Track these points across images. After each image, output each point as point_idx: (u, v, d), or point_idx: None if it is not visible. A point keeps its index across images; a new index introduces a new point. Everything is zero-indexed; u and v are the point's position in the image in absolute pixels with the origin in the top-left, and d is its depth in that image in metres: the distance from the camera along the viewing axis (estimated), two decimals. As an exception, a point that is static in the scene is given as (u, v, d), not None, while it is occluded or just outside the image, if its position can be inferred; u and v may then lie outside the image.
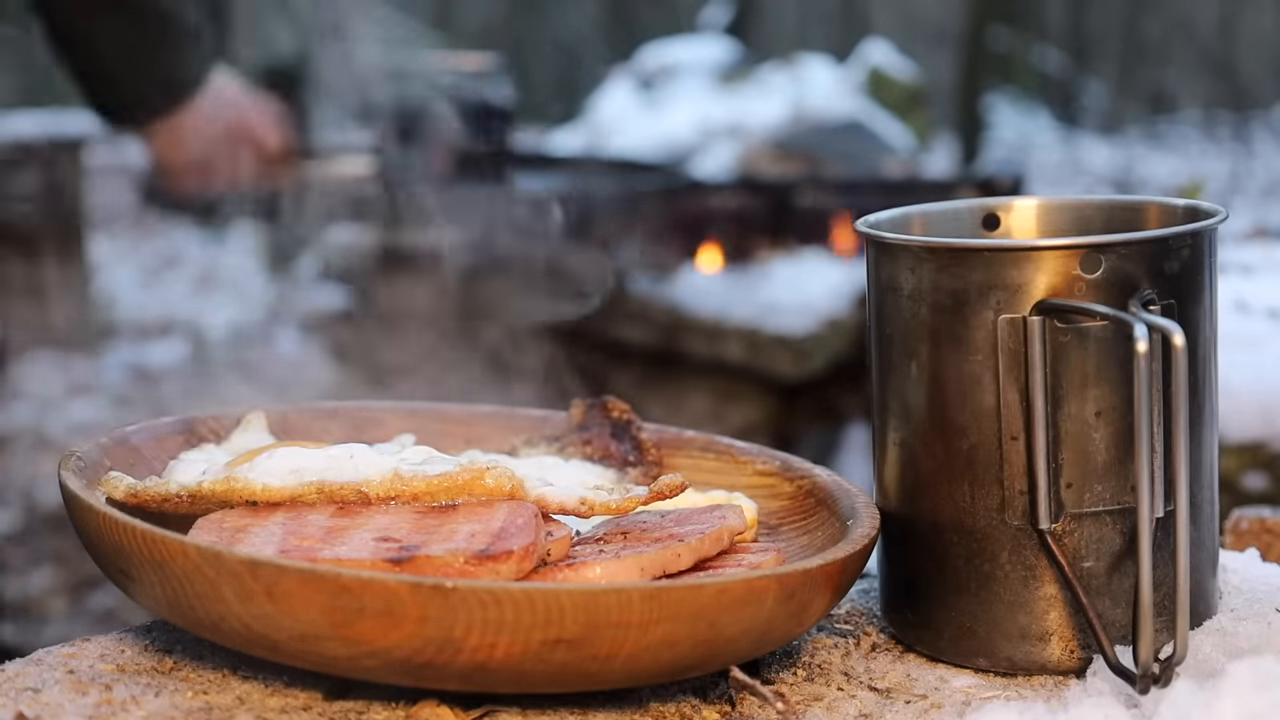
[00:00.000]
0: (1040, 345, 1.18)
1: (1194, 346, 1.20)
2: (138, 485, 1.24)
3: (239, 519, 1.19)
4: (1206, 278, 1.23)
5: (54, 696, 1.13)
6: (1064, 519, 1.20)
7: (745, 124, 6.80)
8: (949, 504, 1.23)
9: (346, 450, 1.26)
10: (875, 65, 7.33)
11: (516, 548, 1.13)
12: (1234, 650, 1.20)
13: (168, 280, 7.54)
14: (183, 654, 1.22)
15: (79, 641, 1.24)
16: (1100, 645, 1.16)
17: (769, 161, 6.30)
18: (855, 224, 1.29)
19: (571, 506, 1.24)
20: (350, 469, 1.23)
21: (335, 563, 1.10)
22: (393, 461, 1.24)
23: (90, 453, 1.31)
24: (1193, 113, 10.83)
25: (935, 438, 1.23)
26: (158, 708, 1.12)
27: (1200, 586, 1.25)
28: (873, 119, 6.72)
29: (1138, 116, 10.72)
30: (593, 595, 1.07)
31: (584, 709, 1.16)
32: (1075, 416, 1.19)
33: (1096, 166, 9.42)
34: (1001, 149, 9.12)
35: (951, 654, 1.26)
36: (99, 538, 1.17)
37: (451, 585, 1.06)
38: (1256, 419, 2.60)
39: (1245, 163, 9.37)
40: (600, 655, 1.09)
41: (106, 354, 6.23)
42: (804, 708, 1.18)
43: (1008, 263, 1.19)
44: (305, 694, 1.16)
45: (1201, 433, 1.23)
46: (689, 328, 4.46)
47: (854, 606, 1.37)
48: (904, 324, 1.24)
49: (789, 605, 1.15)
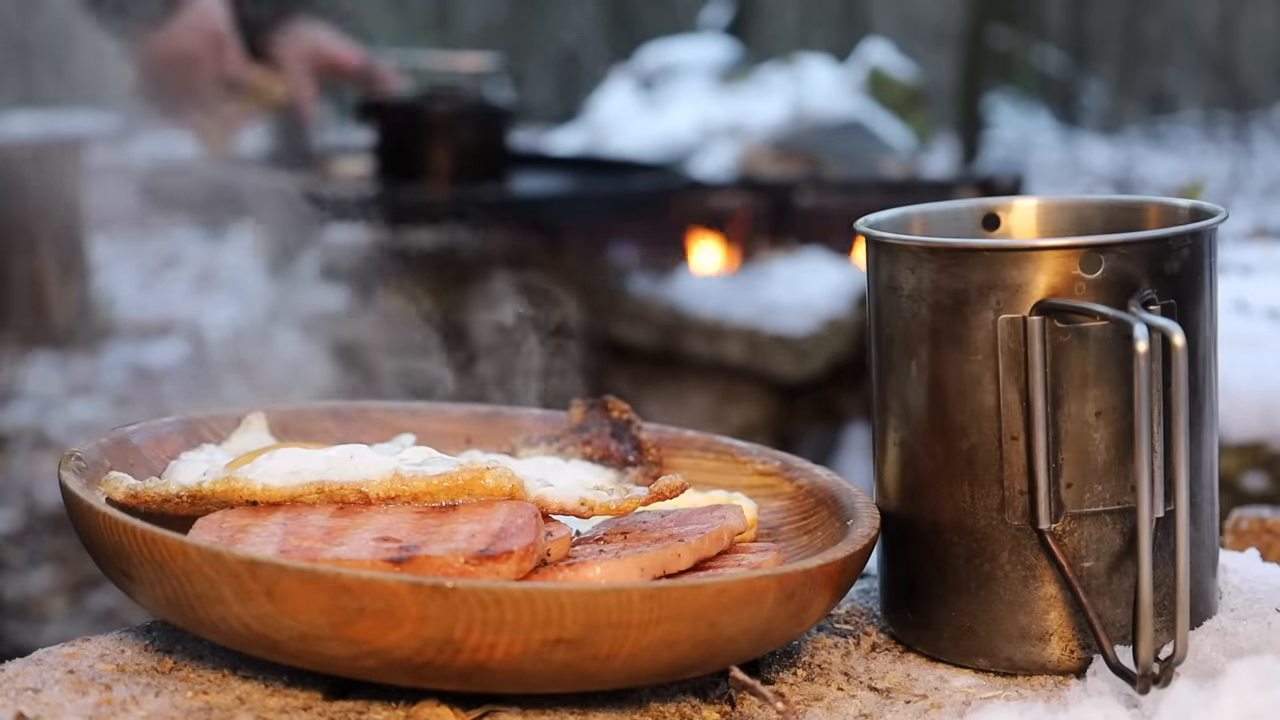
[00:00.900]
0: (1040, 345, 1.18)
1: (1194, 346, 1.20)
2: (138, 486, 1.24)
3: (239, 519, 1.19)
4: (1206, 278, 1.23)
5: (54, 696, 1.13)
6: (1064, 519, 1.20)
7: (745, 124, 6.80)
8: (949, 504, 1.23)
9: (347, 451, 1.26)
10: (875, 65, 7.33)
11: (516, 548, 1.13)
12: (1234, 650, 1.20)
13: (168, 280, 7.54)
14: (183, 654, 1.22)
15: (79, 641, 1.24)
16: (1100, 645, 1.16)
17: (769, 161, 6.30)
18: (855, 224, 1.29)
19: (571, 507, 1.24)
20: (350, 469, 1.23)
21: (335, 563, 1.10)
22: (393, 462, 1.24)
23: (90, 453, 1.31)
24: (1193, 113, 10.83)
25: (935, 438, 1.23)
26: (158, 708, 1.12)
27: (1200, 586, 1.25)
28: (873, 119, 6.72)
29: (1138, 116, 10.72)
30: (593, 595, 1.07)
31: (584, 709, 1.16)
32: (1075, 416, 1.19)
33: (1096, 166, 9.42)
34: (1001, 149, 9.12)
35: (951, 654, 1.26)
36: (99, 538, 1.17)
37: (451, 585, 1.06)
38: (1256, 419, 2.60)
39: (1245, 163, 9.37)
40: (600, 655, 1.09)
41: (106, 354, 6.23)
42: (804, 708, 1.18)
43: (1008, 263, 1.19)
44: (305, 694, 1.16)
45: (1201, 433, 1.23)
46: (689, 328, 4.46)
47: (854, 606, 1.37)
48: (904, 324, 1.24)
49: (789, 605, 1.15)
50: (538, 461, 1.41)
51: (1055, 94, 10.56)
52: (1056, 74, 10.56)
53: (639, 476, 1.42)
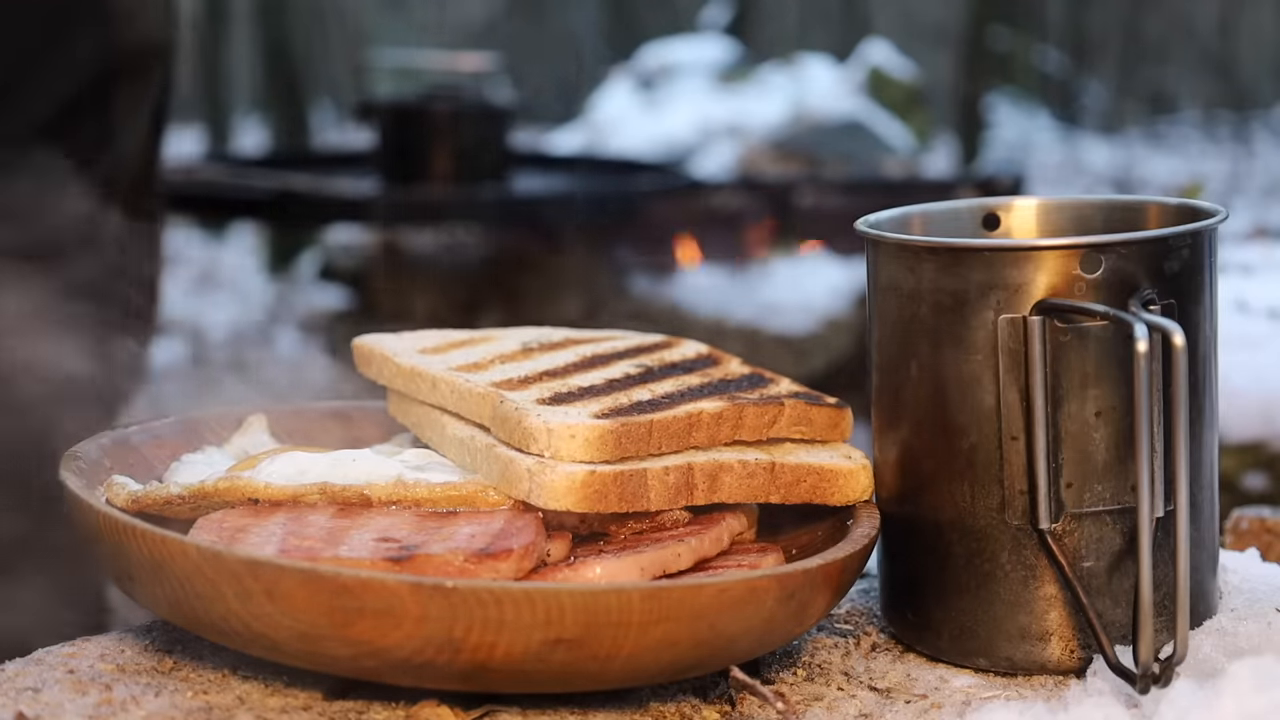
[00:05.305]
0: (1040, 345, 1.18)
1: (1194, 346, 1.20)
2: (139, 491, 1.24)
3: (239, 519, 1.19)
4: (1206, 278, 1.23)
5: (54, 696, 1.13)
6: (1064, 519, 1.20)
7: (745, 124, 6.80)
8: (949, 504, 1.23)
9: (349, 454, 1.26)
10: (875, 65, 7.33)
11: (516, 546, 1.13)
12: (1234, 650, 1.20)
13: (168, 280, 7.53)
14: (183, 654, 1.22)
15: (79, 641, 1.24)
16: (1100, 645, 1.16)
17: (769, 161, 6.30)
18: (855, 224, 1.29)
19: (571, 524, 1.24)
20: (353, 473, 1.23)
21: (335, 562, 1.10)
22: (395, 467, 1.24)
23: (90, 453, 1.31)
24: (1193, 113, 10.83)
25: (935, 438, 1.23)
26: (158, 708, 1.12)
27: (1200, 586, 1.25)
28: (873, 119, 6.72)
29: (1138, 116, 10.72)
30: (593, 595, 1.07)
31: (584, 709, 1.16)
32: (1075, 416, 1.19)
33: (1096, 166, 9.41)
34: (1001, 149, 9.12)
35: (951, 654, 1.26)
36: (99, 538, 1.17)
37: (452, 585, 1.06)
38: (1256, 419, 2.60)
39: (1245, 163, 9.37)
40: (600, 655, 1.09)
41: (107, 354, 6.21)
42: (804, 708, 1.18)
43: (1008, 263, 1.19)
44: (305, 694, 1.16)
45: (1201, 433, 1.23)
46: (689, 328, 4.47)
47: (854, 606, 1.37)
48: (904, 324, 1.24)
49: (789, 605, 1.15)
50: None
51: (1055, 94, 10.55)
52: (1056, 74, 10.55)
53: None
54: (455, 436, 1.28)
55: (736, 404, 1.27)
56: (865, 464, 1.29)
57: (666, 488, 1.21)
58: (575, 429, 1.18)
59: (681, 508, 1.24)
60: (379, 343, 1.42)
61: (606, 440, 1.19)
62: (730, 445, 1.27)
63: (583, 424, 1.19)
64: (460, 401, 1.29)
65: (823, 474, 1.27)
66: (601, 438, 1.19)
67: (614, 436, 1.19)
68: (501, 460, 1.21)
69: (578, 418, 1.20)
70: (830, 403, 1.32)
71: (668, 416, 1.23)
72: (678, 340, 1.46)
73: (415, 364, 1.36)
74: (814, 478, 1.27)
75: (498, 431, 1.23)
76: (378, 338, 1.44)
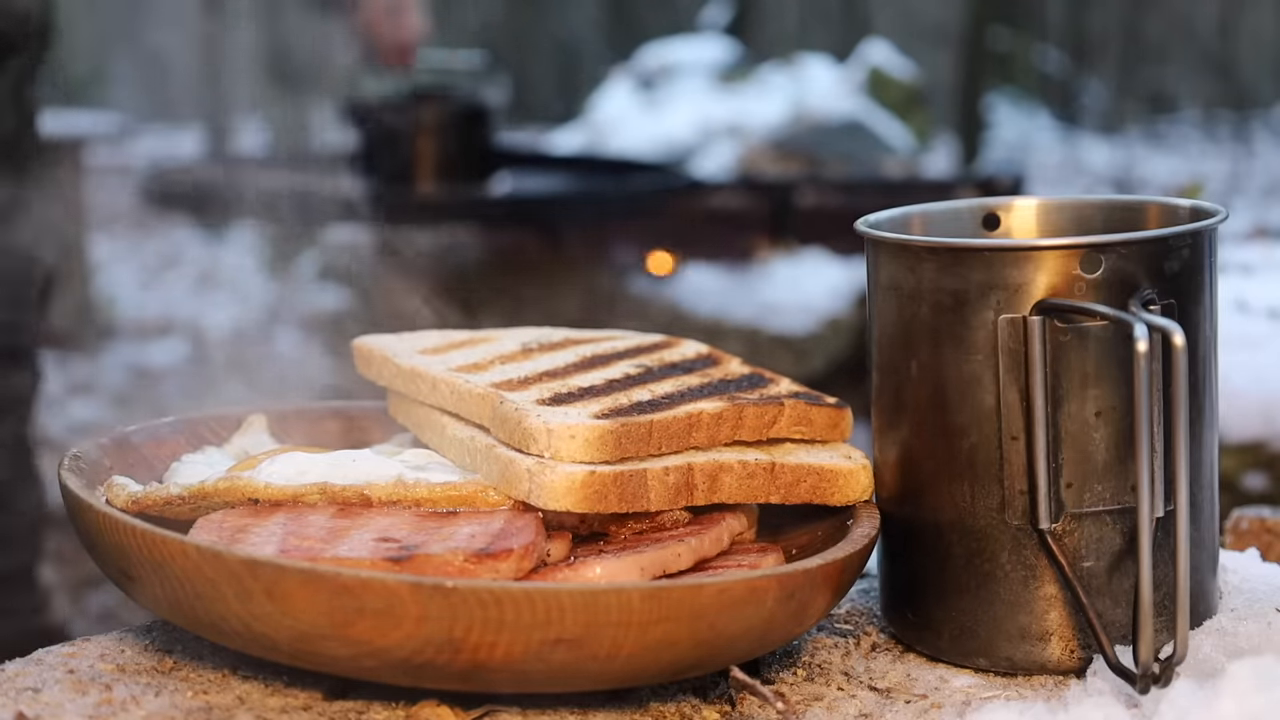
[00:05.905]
0: (1040, 345, 1.18)
1: (1194, 346, 1.20)
2: (139, 492, 1.24)
3: (239, 519, 1.19)
4: (1206, 278, 1.23)
5: (54, 696, 1.13)
6: (1064, 519, 1.20)
7: (745, 124, 6.81)
8: (949, 504, 1.23)
9: (349, 455, 1.26)
10: (875, 65, 7.34)
11: (516, 546, 1.13)
12: (1234, 650, 1.20)
13: (168, 280, 7.54)
14: (183, 654, 1.22)
15: (79, 641, 1.24)
16: (1100, 645, 1.16)
17: (769, 161, 6.31)
18: (855, 224, 1.29)
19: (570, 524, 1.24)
20: (353, 473, 1.23)
21: (335, 562, 1.10)
22: (396, 467, 1.24)
23: (90, 453, 1.31)
24: (1193, 113, 10.83)
25: (935, 438, 1.23)
26: (158, 708, 1.12)
27: (1200, 586, 1.25)
28: (873, 119, 6.72)
29: (1138, 116, 10.72)
30: (593, 595, 1.07)
31: (584, 709, 1.16)
32: (1075, 416, 1.19)
33: (1096, 166, 9.42)
34: (1001, 149, 9.12)
35: (951, 654, 1.26)
36: (99, 538, 1.17)
37: (451, 585, 1.06)
38: (1256, 419, 2.60)
39: (1245, 163, 9.37)
40: (600, 655, 1.09)
41: (106, 354, 6.23)
42: (804, 708, 1.18)
43: (1008, 263, 1.19)
44: (305, 694, 1.16)
45: (1201, 433, 1.23)
46: (689, 328, 4.47)
47: (854, 606, 1.37)
48: (904, 324, 1.24)
49: (789, 605, 1.15)
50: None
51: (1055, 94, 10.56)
52: (1056, 74, 10.56)
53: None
54: (455, 437, 1.28)
55: (736, 404, 1.27)
56: (865, 464, 1.29)
57: (666, 488, 1.21)
58: (575, 429, 1.18)
59: (681, 508, 1.24)
60: (379, 343, 1.42)
61: (606, 441, 1.19)
62: (730, 445, 1.27)
63: (583, 424, 1.19)
64: (460, 402, 1.29)
65: (823, 474, 1.27)
66: (601, 438, 1.19)
67: (614, 437, 1.19)
68: (501, 461, 1.21)
69: (578, 418, 1.20)
70: (830, 403, 1.32)
71: (668, 417, 1.23)
72: (677, 340, 1.46)
73: (415, 365, 1.36)
74: (814, 478, 1.27)
75: (497, 432, 1.23)
76: (378, 338, 1.44)
